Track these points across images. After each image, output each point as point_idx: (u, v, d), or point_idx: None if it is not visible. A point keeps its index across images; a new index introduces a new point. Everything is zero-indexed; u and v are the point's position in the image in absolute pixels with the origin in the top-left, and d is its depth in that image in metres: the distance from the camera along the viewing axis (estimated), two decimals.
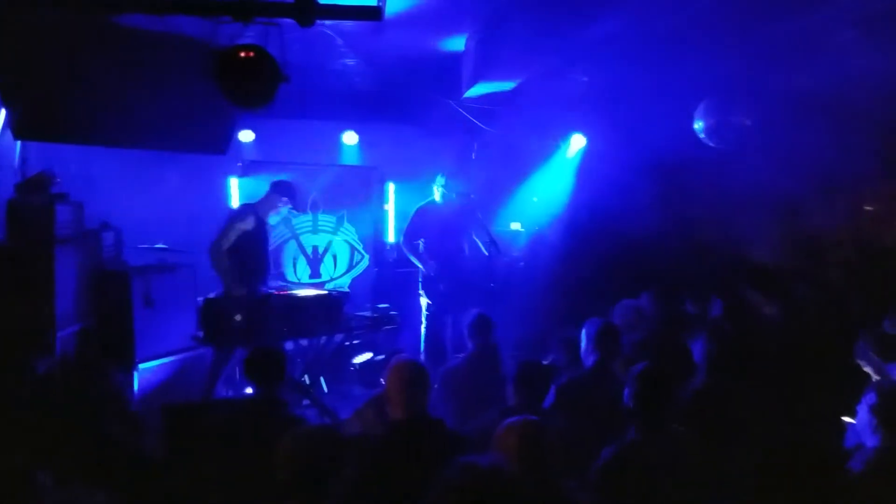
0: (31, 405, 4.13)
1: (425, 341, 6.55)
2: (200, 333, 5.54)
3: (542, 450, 2.67)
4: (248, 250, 5.49)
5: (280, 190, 5.68)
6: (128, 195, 6.50)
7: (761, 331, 4.90)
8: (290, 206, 5.74)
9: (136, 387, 5.30)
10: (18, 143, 5.44)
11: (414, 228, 6.60)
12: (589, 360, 4.22)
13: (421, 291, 6.59)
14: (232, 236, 5.39)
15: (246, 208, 5.67)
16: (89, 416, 4.03)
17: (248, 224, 5.45)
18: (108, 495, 2.23)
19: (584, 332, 4.36)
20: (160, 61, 4.33)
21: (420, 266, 6.50)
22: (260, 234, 5.61)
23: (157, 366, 5.49)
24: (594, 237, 7.39)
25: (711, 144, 6.18)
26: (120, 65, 4.24)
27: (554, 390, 4.05)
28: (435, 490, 2.20)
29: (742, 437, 3.47)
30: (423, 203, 6.67)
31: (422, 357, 6.19)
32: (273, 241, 7.29)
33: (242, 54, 3.75)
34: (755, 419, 3.64)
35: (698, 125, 6.13)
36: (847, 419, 3.57)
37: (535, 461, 2.64)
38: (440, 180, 6.47)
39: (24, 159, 5.57)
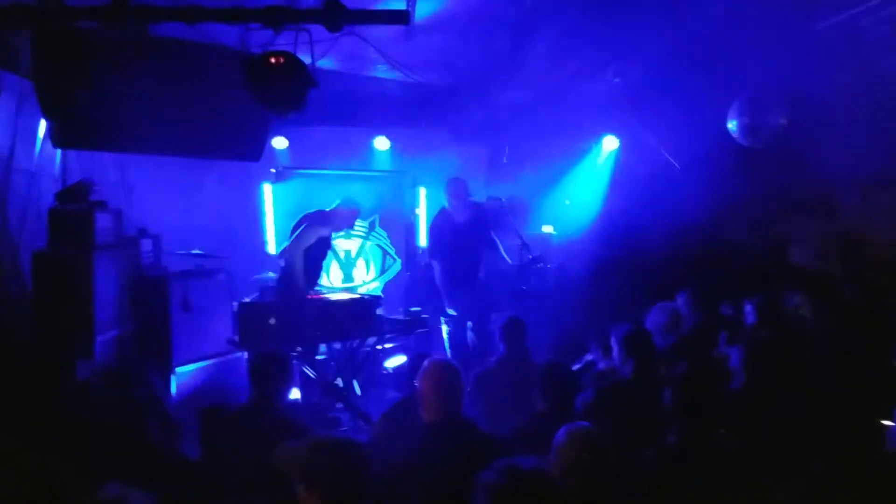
0: (70, 408, 4.22)
1: (450, 347, 6.56)
2: (236, 337, 5.61)
3: (602, 459, 2.65)
4: (317, 254, 5.70)
5: (354, 206, 5.83)
6: (165, 202, 6.62)
7: (801, 334, 4.81)
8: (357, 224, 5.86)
9: (173, 390, 5.38)
10: (59, 152, 5.57)
11: (435, 244, 6.60)
12: (627, 367, 4.18)
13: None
14: (313, 238, 5.57)
15: (324, 216, 5.80)
16: (128, 420, 4.10)
17: (325, 231, 5.65)
18: (145, 497, 2.26)
19: (613, 339, 4.33)
20: (195, 70, 4.41)
21: (445, 299, 6.53)
22: (327, 242, 5.82)
23: (195, 370, 5.57)
24: (628, 239, 7.33)
25: (746, 144, 6.08)
26: (156, 74, 4.32)
27: (593, 393, 4.03)
28: (476, 492, 2.20)
29: (782, 440, 3.41)
30: (434, 216, 6.65)
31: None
32: None
33: (273, 60, 3.81)
34: (795, 423, 3.57)
35: (732, 125, 6.04)
36: (888, 423, 3.49)
37: (594, 470, 2.62)
38: (445, 190, 6.45)
39: (64, 168, 5.71)
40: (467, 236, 6.47)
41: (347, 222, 5.82)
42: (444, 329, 6.65)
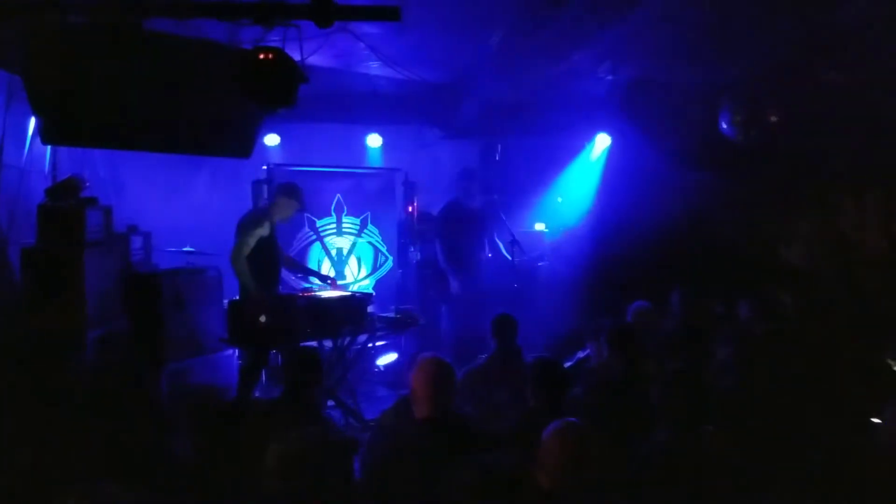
0: (62, 405, 4.21)
1: (448, 342, 6.55)
2: (227, 335, 5.59)
3: (588, 454, 2.63)
4: (265, 255, 5.56)
5: (289, 193, 5.73)
6: (156, 199, 6.61)
7: (790, 331, 4.82)
8: (299, 208, 5.79)
9: (164, 387, 5.36)
10: (49, 148, 5.54)
11: (442, 224, 6.61)
12: (615, 364, 4.18)
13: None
14: (252, 242, 5.44)
15: (260, 214, 5.69)
16: (119, 417, 4.09)
17: (265, 230, 5.53)
18: (136, 495, 2.25)
19: (601, 336, 4.34)
20: (186, 66, 4.37)
21: (449, 277, 6.53)
22: (273, 238, 5.69)
23: (186, 366, 5.55)
24: (620, 237, 7.34)
25: (737, 141, 6.10)
26: (147, 70, 4.28)
27: (582, 390, 4.03)
28: (454, 488, 2.20)
29: (773, 438, 3.42)
30: (447, 203, 6.68)
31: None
32: (298, 244, 7.37)
33: (262, 56, 3.79)
34: (785, 420, 3.59)
35: (724, 122, 6.06)
36: (876, 420, 3.51)
37: (579, 466, 2.60)
38: (459, 178, 6.49)
39: (54, 164, 5.68)
40: (477, 223, 6.63)
41: (287, 210, 5.75)
42: (444, 326, 6.66)
